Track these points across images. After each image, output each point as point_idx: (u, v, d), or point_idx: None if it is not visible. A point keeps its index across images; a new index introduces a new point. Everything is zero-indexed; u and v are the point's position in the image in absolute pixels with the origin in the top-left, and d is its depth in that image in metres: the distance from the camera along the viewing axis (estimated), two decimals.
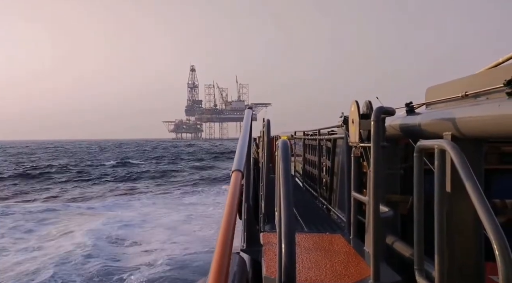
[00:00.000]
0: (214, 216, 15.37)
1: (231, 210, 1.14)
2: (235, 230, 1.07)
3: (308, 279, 2.42)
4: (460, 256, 2.16)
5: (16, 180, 30.22)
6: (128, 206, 18.55)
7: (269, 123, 4.77)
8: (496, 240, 1.51)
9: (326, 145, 5.62)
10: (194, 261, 9.59)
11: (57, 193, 23.73)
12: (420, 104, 2.99)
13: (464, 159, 1.83)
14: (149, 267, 9.29)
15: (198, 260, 9.54)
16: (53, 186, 26.97)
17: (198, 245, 10.96)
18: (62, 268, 9.12)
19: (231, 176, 1.50)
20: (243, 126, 2.55)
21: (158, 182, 28.82)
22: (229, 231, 1.02)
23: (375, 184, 2.52)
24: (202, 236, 12.13)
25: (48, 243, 11.64)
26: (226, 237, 0.98)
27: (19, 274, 8.98)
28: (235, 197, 1.26)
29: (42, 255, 10.33)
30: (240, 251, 3.43)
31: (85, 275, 8.82)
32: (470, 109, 2.12)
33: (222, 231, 1.01)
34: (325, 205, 5.45)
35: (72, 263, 9.54)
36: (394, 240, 3.20)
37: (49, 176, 32.85)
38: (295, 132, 9.52)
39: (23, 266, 9.46)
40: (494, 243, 1.51)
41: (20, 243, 11.68)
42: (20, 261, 9.88)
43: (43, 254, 10.38)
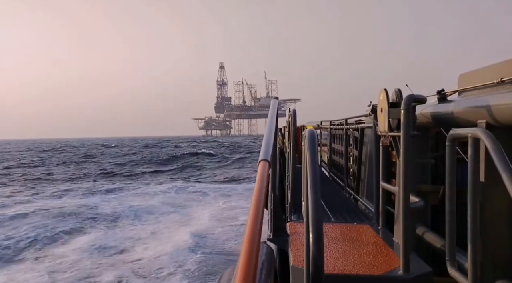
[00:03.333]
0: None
1: (259, 199, 1.14)
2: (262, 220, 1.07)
3: (336, 269, 2.40)
4: (493, 247, 2.10)
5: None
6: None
7: (295, 112, 4.73)
8: None
9: (353, 134, 5.53)
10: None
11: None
12: (453, 91, 2.89)
13: (500, 147, 1.76)
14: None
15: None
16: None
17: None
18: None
19: (258, 166, 1.50)
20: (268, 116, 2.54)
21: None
22: (257, 221, 1.02)
23: (404, 174, 2.47)
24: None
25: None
26: (254, 226, 0.98)
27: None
28: (263, 186, 1.26)
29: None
30: (267, 241, 3.45)
31: None
32: (506, 95, 2.04)
33: (250, 221, 1.01)
34: (352, 195, 5.39)
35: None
36: (425, 231, 3.13)
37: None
38: (321, 122, 9.42)
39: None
40: None
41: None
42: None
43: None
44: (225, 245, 11.14)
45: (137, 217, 14.85)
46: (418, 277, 2.32)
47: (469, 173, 1.99)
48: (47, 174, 32.69)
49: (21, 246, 11.30)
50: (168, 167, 36.66)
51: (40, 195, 21.12)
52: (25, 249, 11.02)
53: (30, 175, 32.02)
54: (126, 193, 21.58)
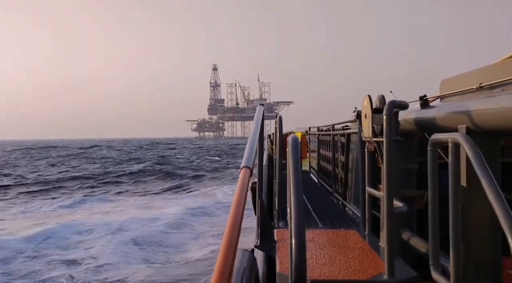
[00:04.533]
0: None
1: (238, 207, 1.15)
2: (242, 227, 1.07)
3: (322, 275, 2.41)
4: (476, 251, 2.12)
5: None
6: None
7: (281, 119, 4.76)
8: (511, 236, 1.47)
9: (340, 140, 5.57)
10: None
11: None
12: (435, 97, 2.94)
13: (479, 152, 1.79)
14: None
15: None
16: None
17: None
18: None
19: (239, 173, 1.51)
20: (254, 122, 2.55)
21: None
22: (235, 228, 1.02)
23: (388, 179, 2.49)
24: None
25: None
26: (231, 234, 0.98)
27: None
28: (243, 194, 1.26)
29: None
30: (255, 248, 3.44)
31: None
32: (485, 101, 2.08)
33: (228, 228, 1.01)
34: (340, 201, 5.42)
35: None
36: (410, 236, 3.16)
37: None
38: (310, 128, 9.47)
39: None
40: (509, 238, 1.47)
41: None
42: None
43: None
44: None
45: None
46: (403, 281, 2.33)
47: (450, 177, 2.02)
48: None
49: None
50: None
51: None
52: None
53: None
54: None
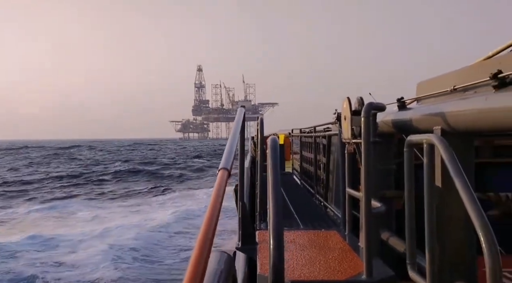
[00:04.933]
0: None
1: (214, 208, 1.15)
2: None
3: (302, 276, 2.43)
4: (451, 250, 2.17)
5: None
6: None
7: (262, 121, 4.79)
8: (484, 236, 1.51)
9: (321, 142, 5.62)
10: None
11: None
12: (411, 99, 2.99)
13: (452, 153, 1.83)
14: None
15: None
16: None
17: None
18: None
19: (217, 175, 1.51)
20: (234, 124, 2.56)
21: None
22: (210, 231, 1.02)
23: (366, 180, 2.53)
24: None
25: None
26: (205, 236, 0.98)
27: None
28: (219, 196, 1.26)
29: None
30: (236, 250, 3.44)
31: None
32: (458, 103, 2.13)
33: (203, 231, 1.01)
34: (321, 202, 5.46)
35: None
36: (389, 236, 3.20)
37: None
38: (292, 130, 9.52)
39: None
40: (482, 238, 1.51)
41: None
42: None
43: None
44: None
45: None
46: (381, 281, 2.37)
47: (425, 178, 2.06)
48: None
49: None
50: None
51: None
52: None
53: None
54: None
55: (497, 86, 1.77)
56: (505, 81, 1.76)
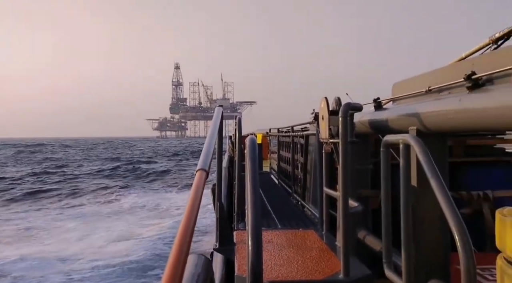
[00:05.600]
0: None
1: (191, 211, 1.12)
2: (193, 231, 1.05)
3: (280, 277, 2.42)
4: (426, 249, 2.21)
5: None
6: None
7: (240, 120, 4.76)
8: (458, 234, 1.54)
9: (299, 141, 5.65)
10: None
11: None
12: (387, 99, 3.03)
13: (428, 153, 1.86)
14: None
15: None
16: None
17: None
18: None
19: (195, 176, 1.48)
20: (211, 124, 2.52)
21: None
22: (187, 233, 0.99)
23: (344, 179, 2.55)
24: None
25: None
26: (183, 239, 0.95)
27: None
28: (197, 198, 1.23)
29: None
30: (214, 251, 3.41)
31: None
32: (433, 103, 2.16)
33: (180, 233, 0.98)
34: (299, 202, 5.48)
35: None
36: (366, 235, 3.24)
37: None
38: (270, 129, 9.53)
39: None
40: (456, 236, 1.54)
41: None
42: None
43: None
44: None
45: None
46: (358, 280, 2.39)
47: (401, 178, 2.09)
48: None
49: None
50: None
51: None
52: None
53: None
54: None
55: (471, 87, 1.81)
56: (478, 82, 1.80)
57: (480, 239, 3.09)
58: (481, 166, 3.64)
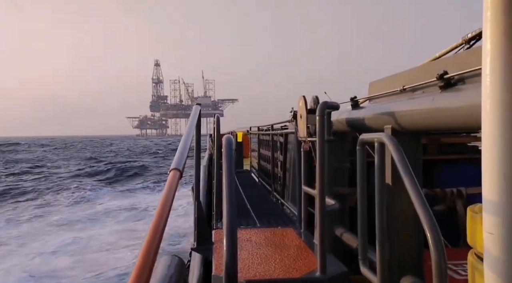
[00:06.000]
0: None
1: (162, 210, 1.10)
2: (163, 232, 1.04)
3: (257, 275, 2.42)
4: (400, 245, 2.24)
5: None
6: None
7: (218, 119, 4.74)
8: (430, 231, 1.57)
9: (278, 140, 5.66)
10: None
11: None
12: (364, 98, 3.07)
13: (402, 152, 1.89)
14: None
15: None
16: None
17: None
18: None
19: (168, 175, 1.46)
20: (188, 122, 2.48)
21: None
22: (157, 233, 0.98)
23: (321, 177, 2.56)
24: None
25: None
26: (152, 240, 0.94)
27: None
28: (169, 198, 1.21)
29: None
30: (192, 250, 3.39)
31: None
32: (407, 102, 2.19)
33: (150, 233, 0.97)
34: (278, 200, 5.50)
35: None
36: (343, 232, 3.27)
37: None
38: (250, 128, 9.53)
39: None
40: (428, 233, 1.57)
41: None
42: None
43: None
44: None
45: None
46: (334, 277, 2.41)
47: (376, 176, 2.11)
48: None
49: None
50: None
51: None
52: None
53: None
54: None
55: (443, 86, 1.84)
56: (451, 81, 1.83)
57: (454, 235, 3.16)
58: (455, 164, 3.72)
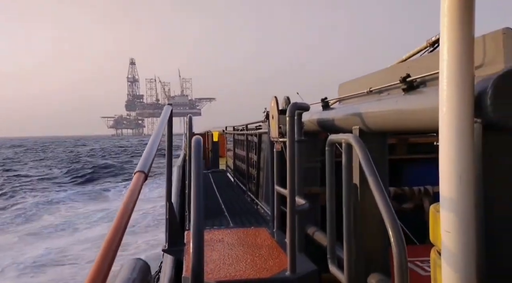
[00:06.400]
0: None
1: (123, 213, 1.09)
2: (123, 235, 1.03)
3: (228, 276, 2.43)
4: (367, 244, 2.29)
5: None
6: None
7: (191, 119, 4.72)
8: (391, 228, 1.61)
9: (253, 140, 5.68)
10: None
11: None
12: (334, 99, 3.11)
13: (367, 153, 1.93)
14: None
15: None
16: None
17: None
18: None
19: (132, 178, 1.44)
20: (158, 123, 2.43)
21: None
22: (116, 236, 0.97)
23: (291, 177, 2.59)
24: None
25: None
26: (110, 243, 0.93)
27: None
28: (131, 201, 1.19)
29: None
30: (163, 252, 3.37)
31: None
32: (374, 104, 2.25)
33: (108, 237, 0.96)
34: (253, 199, 5.52)
35: None
36: (315, 231, 3.31)
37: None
38: (226, 127, 9.51)
39: None
40: (390, 231, 1.61)
41: None
42: None
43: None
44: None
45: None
46: (304, 276, 2.44)
47: (344, 175, 2.15)
48: None
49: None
50: None
51: None
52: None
53: None
54: None
55: (406, 89, 1.89)
56: (413, 84, 1.88)
57: (422, 233, 3.25)
58: (423, 163, 3.82)
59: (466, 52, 1.32)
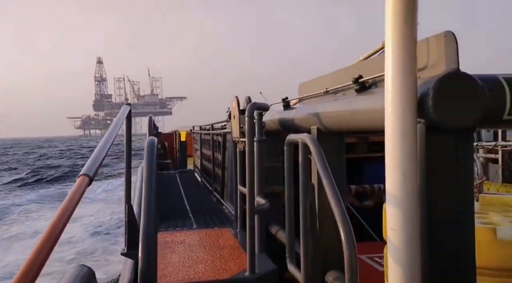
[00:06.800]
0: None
1: (59, 219, 1.05)
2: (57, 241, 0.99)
3: (186, 278, 2.40)
4: (322, 243, 2.31)
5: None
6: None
7: (151, 119, 4.66)
8: (342, 226, 1.64)
9: (218, 139, 5.66)
10: None
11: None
12: (295, 99, 3.14)
13: (321, 153, 1.95)
14: None
15: None
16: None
17: None
18: None
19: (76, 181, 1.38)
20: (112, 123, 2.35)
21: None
22: (48, 243, 0.93)
23: (250, 177, 2.59)
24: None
25: None
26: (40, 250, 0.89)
27: None
28: (70, 207, 1.14)
29: None
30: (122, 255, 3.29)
31: None
32: (330, 104, 2.27)
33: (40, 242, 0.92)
34: (219, 199, 5.50)
35: None
36: (278, 230, 3.33)
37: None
38: (193, 127, 9.44)
39: None
40: (340, 229, 1.64)
41: None
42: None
43: None
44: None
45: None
46: (263, 276, 2.44)
47: (300, 175, 2.17)
48: None
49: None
50: None
51: None
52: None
53: None
54: None
55: (358, 89, 1.92)
56: (365, 85, 1.92)
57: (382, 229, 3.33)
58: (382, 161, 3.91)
59: (409, 54, 1.35)
